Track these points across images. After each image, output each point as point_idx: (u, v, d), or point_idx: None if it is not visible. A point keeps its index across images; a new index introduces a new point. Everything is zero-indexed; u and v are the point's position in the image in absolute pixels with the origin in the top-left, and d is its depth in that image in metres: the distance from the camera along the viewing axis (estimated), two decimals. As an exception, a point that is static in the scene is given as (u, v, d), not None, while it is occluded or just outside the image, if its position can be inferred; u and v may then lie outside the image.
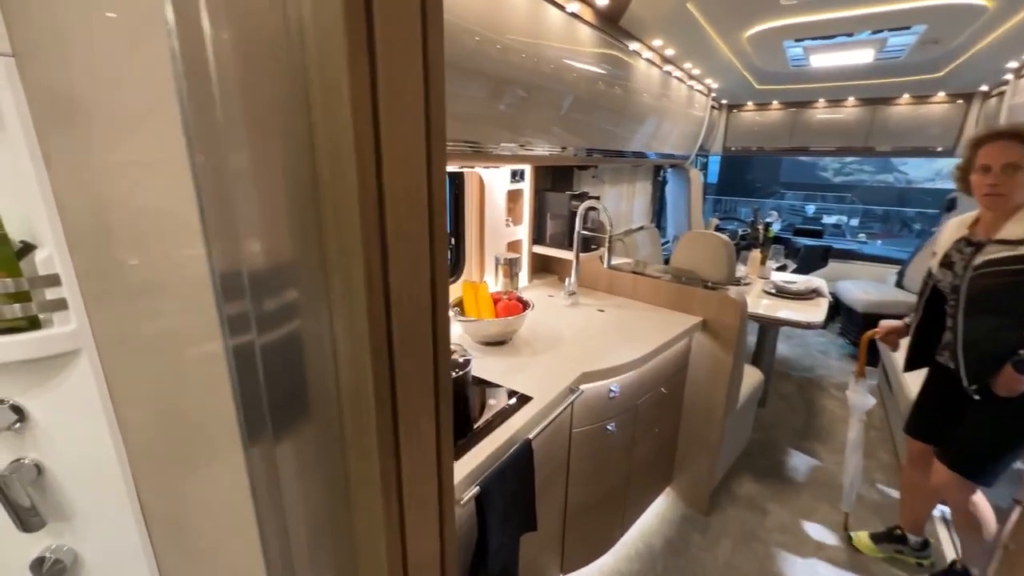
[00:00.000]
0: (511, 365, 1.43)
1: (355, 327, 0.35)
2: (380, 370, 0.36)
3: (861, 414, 1.79)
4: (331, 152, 0.32)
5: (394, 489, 0.39)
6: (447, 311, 0.44)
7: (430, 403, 0.44)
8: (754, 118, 4.38)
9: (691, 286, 1.90)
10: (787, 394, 3.12)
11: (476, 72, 1.31)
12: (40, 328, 0.75)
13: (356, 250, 0.32)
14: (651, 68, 2.36)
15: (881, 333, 1.78)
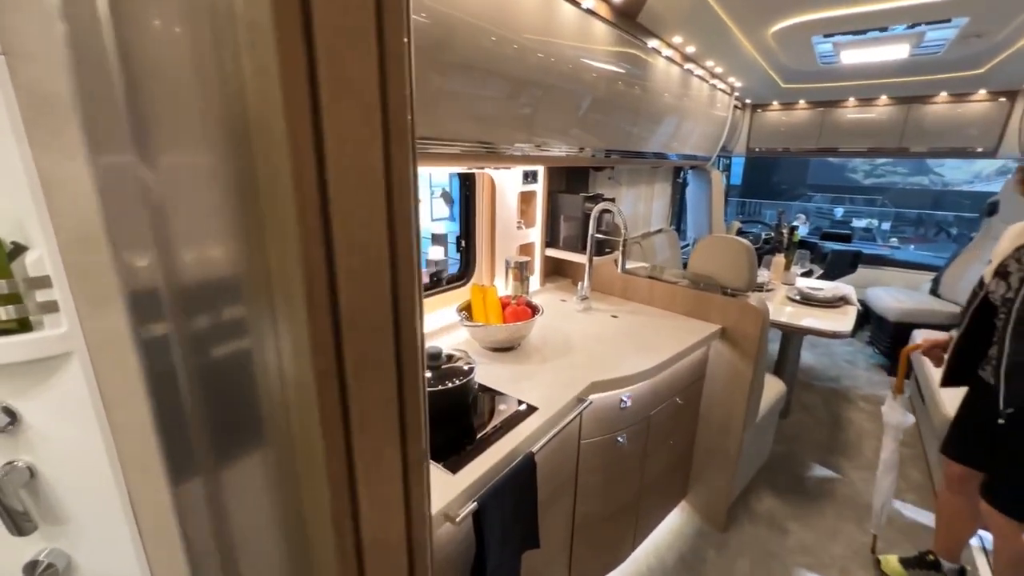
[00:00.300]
0: (519, 372, 1.39)
1: (298, 348, 0.31)
2: (328, 396, 0.32)
3: (898, 433, 1.67)
4: (265, 148, 0.28)
5: (349, 531, 0.34)
6: (417, 329, 0.39)
7: (394, 431, 0.39)
8: (780, 118, 4.23)
9: (709, 292, 1.83)
10: (811, 405, 2.99)
11: (491, 72, 1.28)
12: (31, 330, 0.74)
13: (295, 260, 0.28)
14: (671, 66, 2.28)
15: (924, 347, 1.65)
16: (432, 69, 1.16)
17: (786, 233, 3.06)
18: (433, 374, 1.14)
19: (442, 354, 1.18)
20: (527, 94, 1.43)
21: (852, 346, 3.91)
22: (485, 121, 1.39)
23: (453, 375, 1.14)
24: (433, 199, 4.28)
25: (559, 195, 2.11)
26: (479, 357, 1.48)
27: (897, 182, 14.01)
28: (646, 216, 3.43)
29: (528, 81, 1.40)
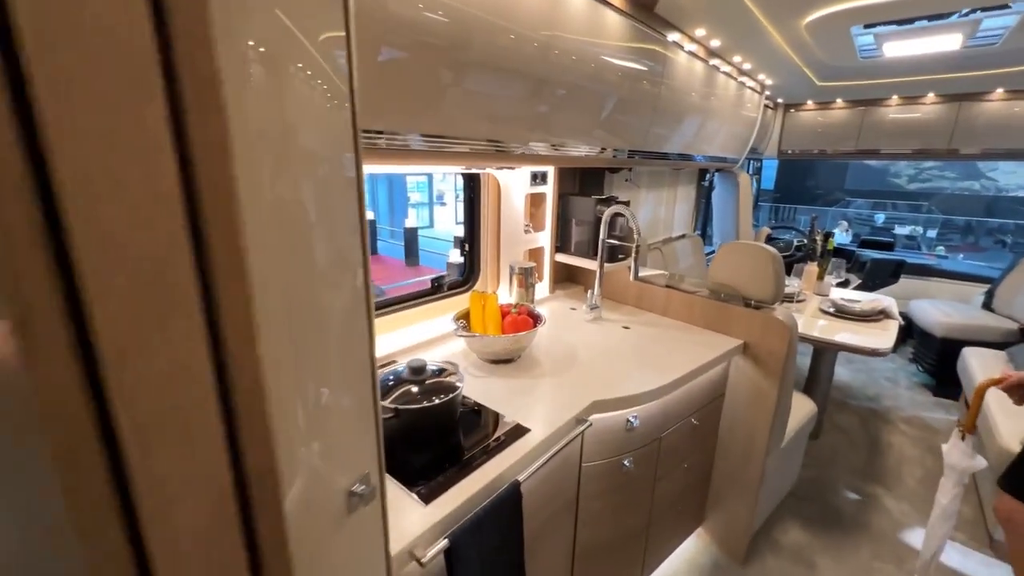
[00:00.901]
0: (515, 387, 1.29)
1: (25, 404, 0.21)
2: (83, 478, 0.22)
3: (962, 477, 1.42)
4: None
5: None
6: (259, 378, 0.30)
7: (219, 527, 0.28)
8: (815, 118, 4.00)
9: (731, 304, 1.68)
10: (846, 426, 2.77)
11: (506, 70, 1.20)
12: None
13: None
14: (693, 62, 2.14)
15: (1007, 384, 1.39)
16: (444, 66, 1.09)
17: (819, 240, 2.85)
18: (418, 389, 1.05)
19: (426, 368, 1.09)
20: (541, 91, 1.33)
21: (893, 363, 3.63)
22: (496, 119, 1.31)
23: (438, 391, 1.05)
24: (458, 201, 4.22)
25: (570, 198, 2.00)
26: (475, 369, 1.38)
27: (945, 187, 13.20)
28: (668, 221, 3.27)
29: (541, 78, 1.31)
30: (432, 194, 13.41)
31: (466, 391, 1.25)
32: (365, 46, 0.96)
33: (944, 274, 4.09)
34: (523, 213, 1.87)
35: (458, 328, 1.38)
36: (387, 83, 1.01)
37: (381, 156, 1.09)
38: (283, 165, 0.37)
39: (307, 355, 0.44)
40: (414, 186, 13.36)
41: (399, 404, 1.00)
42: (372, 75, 0.98)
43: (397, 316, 1.57)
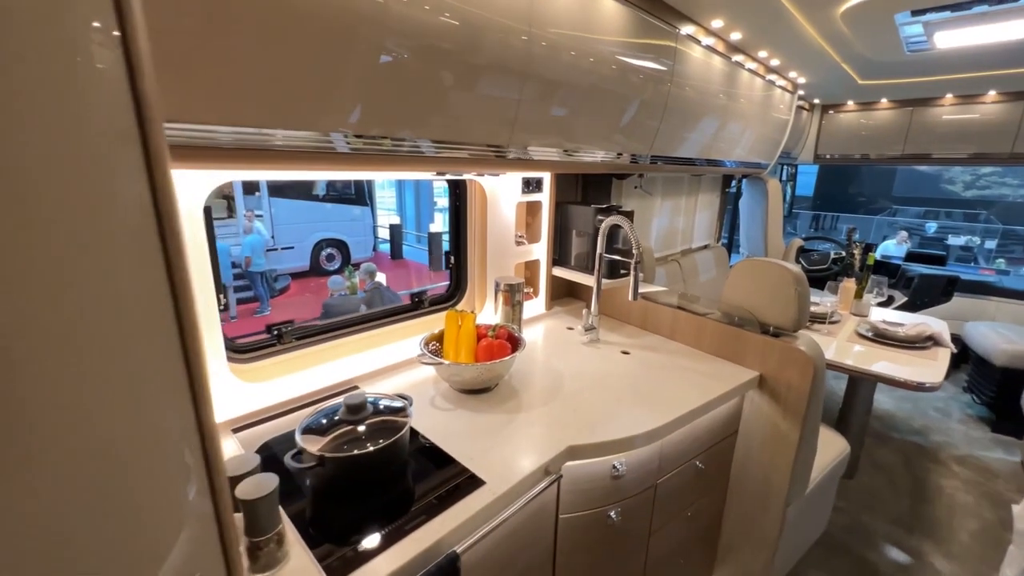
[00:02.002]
0: (483, 424, 1.13)
1: None
2: None
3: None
4: None
5: None
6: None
7: None
8: (857, 120, 3.67)
9: (746, 330, 1.47)
10: (886, 464, 2.46)
11: (507, 70, 1.08)
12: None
13: None
14: (711, 57, 1.94)
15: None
16: (446, 68, 0.99)
17: (858, 253, 2.56)
18: (354, 431, 0.91)
19: (366, 404, 0.94)
20: (525, 87, 1.18)
21: (944, 391, 3.26)
22: (495, 121, 1.18)
23: (380, 433, 0.91)
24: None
25: (568, 206, 1.83)
26: (444, 400, 1.23)
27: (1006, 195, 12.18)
28: (687, 230, 3.04)
29: (527, 74, 1.16)
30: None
31: (426, 427, 1.10)
32: (366, 48, 0.87)
33: (1005, 292, 3.66)
34: (514, 223, 1.71)
35: (424, 353, 1.24)
36: (390, 86, 0.93)
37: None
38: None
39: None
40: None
41: (326, 450, 0.86)
42: (374, 77, 0.89)
43: (371, 335, 1.44)
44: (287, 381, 1.21)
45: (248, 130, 0.78)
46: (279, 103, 0.80)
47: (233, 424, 1.09)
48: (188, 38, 0.67)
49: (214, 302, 1.03)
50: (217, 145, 0.79)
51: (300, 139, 0.85)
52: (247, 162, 0.82)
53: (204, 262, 1.00)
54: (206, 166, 0.90)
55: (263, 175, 1.15)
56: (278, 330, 1.27)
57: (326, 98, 0.86)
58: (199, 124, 0.73)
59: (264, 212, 8.51)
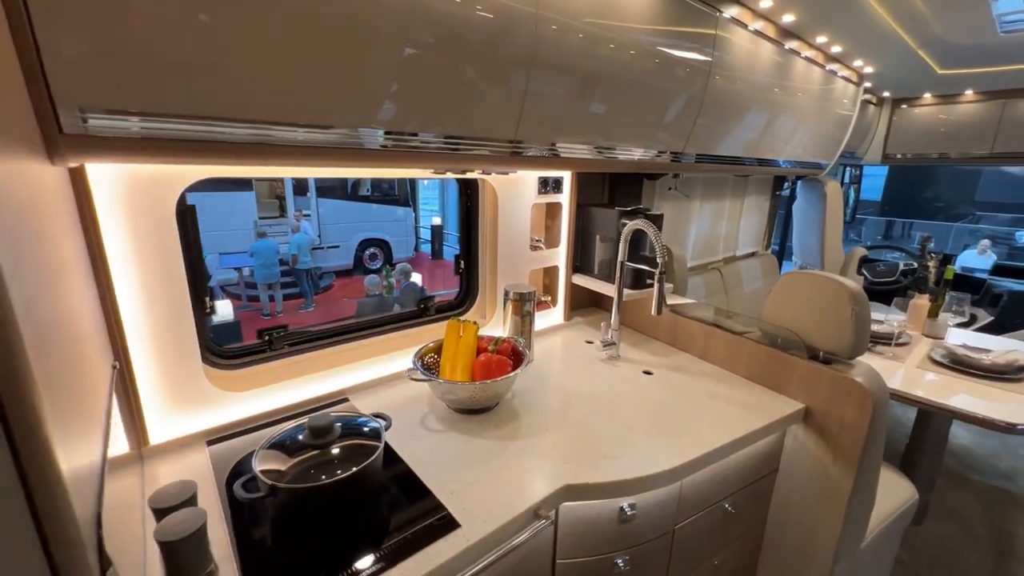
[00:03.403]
0: (473, 451, 1.01)
1: None
2: None
3: None
4: None
5: None
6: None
7: None
8: (934, 115, 3.26)
9: (790, 354, 1.27)
10: (962, 511, 2.12)
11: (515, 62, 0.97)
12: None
13: None
14: (758, 44, 1.73)
15: None
16: (469, 63, 0.93)
17: (934, 265, 2.24)
18: (318, 457, 0.82)
19: (333, 426, 0.85)
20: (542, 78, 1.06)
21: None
22: (511, 116, 1.08)
23: (346, 460, 0.81)
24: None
25: (591, 209, 1.68)
26: (436, 420, 1.12)
27: (1118, 200, 10.66)
28: (731, 236, 2.79)
29: (565, 67, 1.05)
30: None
31: (410, 451, 1.00)
32: (389, 39, 0.81)
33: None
34: (529, 226, 1.58)
35: (415, 366, 1.13)
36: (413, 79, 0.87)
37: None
38: None
39: None
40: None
41: (291, 475, 0.77)
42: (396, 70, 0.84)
43: (371, 343, 1.36)
44: (275, 390, 1.15)
45: (262, 127, 0.76)
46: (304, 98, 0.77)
47: (209, 435, 1.03)
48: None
49: (188, 308, 0.97)
50: (233, 140, 0.75)
51: (317, 135, 0.81)
52: (262, 158, 0.79)
53: (177, 266, 0.94)
54: (219, 162, 0.86)
55: (270, 172, 1.09)
56: (269, 336, 1.21)
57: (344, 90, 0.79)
58: (215, 120, 0.72)
59: (312, 212, 8.84)
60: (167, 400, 0.97)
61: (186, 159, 0.80)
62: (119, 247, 0.86)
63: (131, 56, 0.62)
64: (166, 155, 0.72)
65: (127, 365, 0.89)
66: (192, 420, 1.01)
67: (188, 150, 0.72)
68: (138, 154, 0.69)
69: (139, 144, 0.68)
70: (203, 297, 1.08)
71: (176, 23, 0.64)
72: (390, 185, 9.62)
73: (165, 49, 0.64)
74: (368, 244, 9.31)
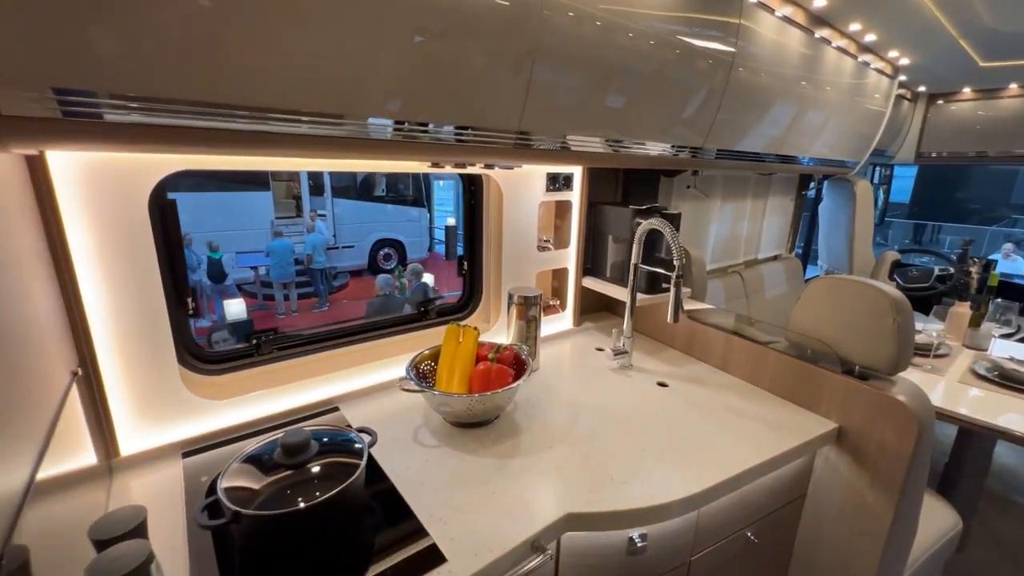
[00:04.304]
0: (469, 470, 0.92)
1: None
2: None
3: None
4: None
5: None
6: None
7: None
8: (972, 111, 3.06)
9: (821, 367, 1.15)
10: (1007, 537, 1.95)
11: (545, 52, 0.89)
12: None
13: None
14: (785, 33, 1.60)
15: None
16: (480, 52, 0.86)
17: (975, 272, 2.07)
18: (291, 477, 0.74)
19: (309, 443, 0.77)
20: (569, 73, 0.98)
21: (1088, 445, 2.60)
22: (515, 104, 1.00)
23: (333, 478, 0.73)
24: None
25: (603, 207, 1.58)
26: (431, 435, 1.04)
27: None
28: (753, 238, 2.65)
29: (576, 57, 0.96)
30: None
31: (399, 469, 0.91)
32: (398, 27, 0.75)
33: None
34: (537, 226, 1.49)
35: (408, 375, 1.05)
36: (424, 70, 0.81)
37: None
38: None
39: None
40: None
41: (264, 495, 0.70)
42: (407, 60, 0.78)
43: (365, 347, 1.28)
44: (262, 398, 1.07)
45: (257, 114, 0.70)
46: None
47: (186, 446, 0.96)
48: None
49: (163, 309, 0.90)
50: (237, 129, 0.69)
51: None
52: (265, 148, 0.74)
53: (150, 264, 0.87)
54: (221, 152, 0.80)
55: (259, 163, 1.02)
56: (257, 339, 1.14)
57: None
58: (221, 109, 0.67)
59: (327, 212, 8.90)
60: (140, 408, 0.91)
61: (162, 148, 0.73)
62: (85, 243, 0.79)
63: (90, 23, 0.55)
64: (141, 143, 0.65)
65: (94, 370, 0.83)
66: (168, 429, 0.94)
67: (160, 138, 0.65)
68: (103, 141, 0.62)
69: (104, 130, 0.60)
70: (184, 297, 1.02)
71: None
72: (405, 185, 9.64)
73: (142, 22, 0.57)
74: (382, 244, 9.34)
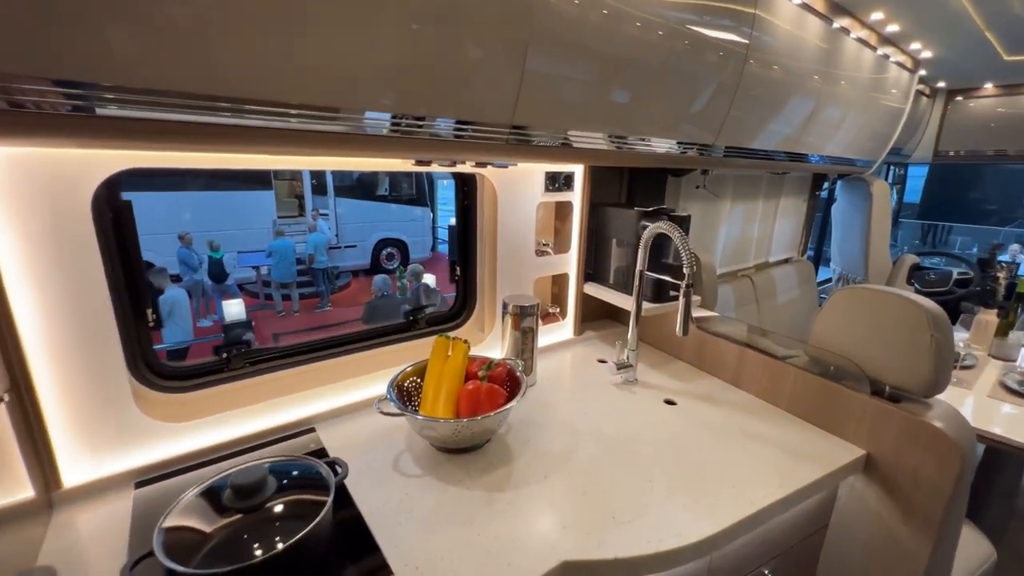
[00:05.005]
0: (450, 506, 0.82)
1: None
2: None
3: None
4: None
5: None
6: None
7: None
8: (992, 108, 2.93)
9: (845, 386, 1.04)
10: (1038, 561, 1.83)
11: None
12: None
13: None
14: (803, 23, 1.49)
15: None
16: (472, 40, 0.76)
17: (1003, 276, 1.95)
18: (281, 510, 0.64)
19: (266, 483, 0.67)
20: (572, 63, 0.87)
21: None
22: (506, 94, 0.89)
23: (298, 515, 0.63)
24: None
25: (607, 209, 1.47)
26: (414, 462, 0.94)
27: None
28: (764, 241, 2.54)
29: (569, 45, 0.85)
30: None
31: (374, 503, 0.81)
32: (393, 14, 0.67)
33: None
34: (534, 229, 1.39)
35: (388, 395, 0.95)
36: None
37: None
38: None
39: None
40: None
41: (216, 539, 0.60)
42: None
43: (347, 361, 1.18)
44: (231, 418, 0.98)
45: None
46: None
47: (140, 475, 0.86)
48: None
49: (111, 322, 0.81)
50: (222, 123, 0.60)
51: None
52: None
53: (94, 272, 0.78)
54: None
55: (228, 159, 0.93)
56: (228, 353, 1.05)
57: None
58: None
59: (330, 211, 8.85)
60: (87, 433, 0.81)
61: (111, 144, 0.64)
62: (13, 250, 0.70)
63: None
64: (77, 138, 0.56)
65: (29, 394, 0.73)
66: (120, 457, 0.85)
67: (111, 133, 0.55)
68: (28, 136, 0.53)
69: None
70: (143, 308, 0.93)
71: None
72: (409, 185, 9.57)
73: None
74: (385, 244, 9.29)
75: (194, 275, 6.42)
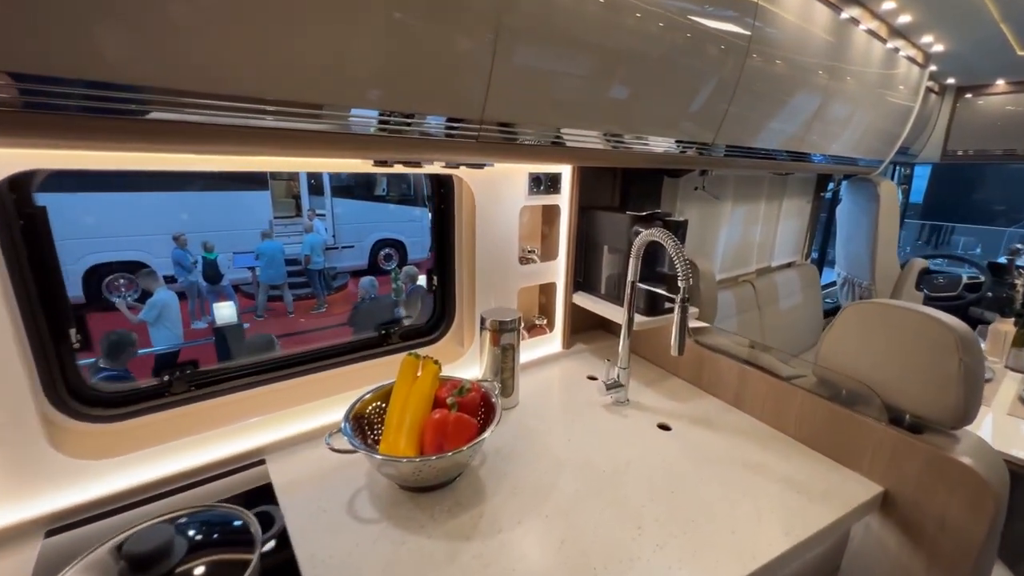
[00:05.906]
0: (406, 562, 0.71)
1: None
2: None
3: None
4: None
5: None
6: None
7: None
8: (1002, 105, 2.81)
9: (858, 413, 0.93)
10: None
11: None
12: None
13: None
14: (809, 10, 1.38)
15: None
16: (461, 31, 0.68)
17: (1020, 284, 1.84)
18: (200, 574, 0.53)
19: (172, 548, 0.56)
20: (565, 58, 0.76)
21: None
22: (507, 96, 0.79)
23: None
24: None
25: (598, 213, 1.36)
26: (370, 503, 0.83)
27: None
28: (767, 244, 2.42)
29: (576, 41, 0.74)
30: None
31: (319, 557, 0.70)
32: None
33: None
34: (518, 235, 1.27)
35: (343, 428, 0.84)
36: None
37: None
38: None
39: None
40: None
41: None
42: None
43: (307, 382, 1.07)
44: (170, 450, 0.87)
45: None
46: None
47: (53, 521, 0.75)
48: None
49: (11, 346, 0.70)
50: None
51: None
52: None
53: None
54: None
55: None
56: (170, 375, 0.94)
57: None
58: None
59: (326, 212, 8.75)
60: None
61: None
62: None
63: None
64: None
65: (-94, 436, 0.63)
66: (29, 501, 0.74)
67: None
68: None
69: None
70: (65, 327, 0.82)
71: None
72: (407, 185, 9.47)
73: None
74: (383, 244, 9.19)
75: (188, 276, 6.33)
